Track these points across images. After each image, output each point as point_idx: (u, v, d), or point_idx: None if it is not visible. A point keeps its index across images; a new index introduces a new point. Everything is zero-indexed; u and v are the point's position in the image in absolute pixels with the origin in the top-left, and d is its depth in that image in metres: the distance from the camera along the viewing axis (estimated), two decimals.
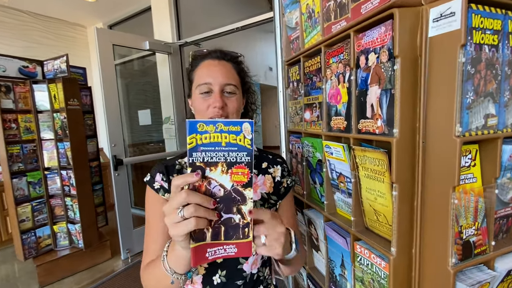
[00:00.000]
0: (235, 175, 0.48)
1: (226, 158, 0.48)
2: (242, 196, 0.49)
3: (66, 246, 2.65)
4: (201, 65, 0.73)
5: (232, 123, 0.47)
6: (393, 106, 0.57)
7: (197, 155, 0.47)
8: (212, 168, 0.48)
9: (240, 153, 0.48)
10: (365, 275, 0.71)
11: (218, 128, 0.47)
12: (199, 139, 0.47)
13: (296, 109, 1.01)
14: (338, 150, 0.74)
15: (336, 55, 0.74)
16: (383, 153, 0.59)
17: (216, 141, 0.47)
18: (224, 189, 0.49)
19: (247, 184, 0.49)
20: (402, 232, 0.60)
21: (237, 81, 0.73)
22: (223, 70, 0.70)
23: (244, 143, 0.48)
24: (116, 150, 2.55)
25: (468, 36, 0.49)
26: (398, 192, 0.58)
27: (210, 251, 0.50)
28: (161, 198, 0.73)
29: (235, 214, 0.50)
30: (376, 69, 0.60)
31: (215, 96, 0.68)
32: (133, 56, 3.93)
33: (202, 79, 0.70)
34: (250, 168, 0.48)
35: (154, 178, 0.75)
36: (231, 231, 0.50)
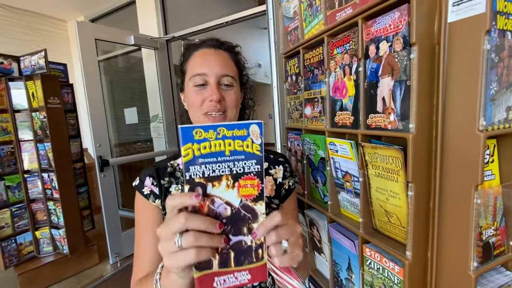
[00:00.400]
0: (244, 188, 0.41)
1: (231, 170, 0.40)
2: (253, 213, 0.41)
3: (50, 253, 2.52)
4: (195, 54, 0.66)
5: (236, 126, 0.39)
6: (408, 99, 0.53)
7: (195, 169, 0.39)
8: (215, 183, 0.40)
9: (248, 162, 0.40)
10: (376, 280, 0.67)
11: (220, 134, 0.39)
12: (197, 149, 0.39)
13: (295, 104, 0.96)
14: (344, 148, 0.69)
15: (341, 45, 0.68)
16: (398, 150, 0.54)
17: (218, 150, 0.39)
18: (232, 207, 0.41)
19: (258, 198, 0.41)
20: (418, 235, 0.56)
21: (235, 73, 0.66)
22: (219, 60, 0.64)
23: (253, 149, 0.40)
24: (102, 150, 2.43)
25: (492, 21, 0.45)
26: (414, 192, 0.54)
27: (219, 280, 0.42)
28: (151, 204, 0.66)
29: (246, 235, 0.42)
30: (388, 59, 0.55)
31: (211, 89, 0.62)
32: (118, 52, 3.77)
33: (197, 69, 0.63)
34: (260, 178, 0.41)
35: (144, 183, 0.68)
36: (242, 255, 0.42)
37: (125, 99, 4.03)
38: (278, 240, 0.42)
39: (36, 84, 2.24)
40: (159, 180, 0.67)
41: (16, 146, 2.32)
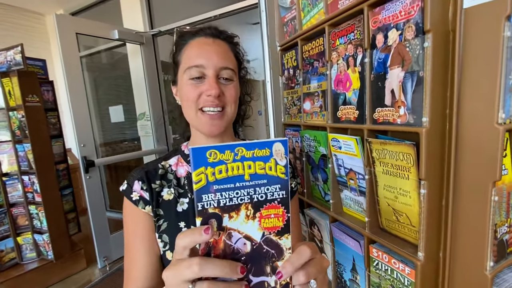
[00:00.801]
0: (266, 219, 0.35)
1: (251, 197, 0.34)
2: (277, 249, 0.35)
3: (34, 259, 2.40)
4: (191, 43, 0.60)
5: (257, 145, 0.33)
6: (420, 91, 0.49)
7: (209, 197, 0.33)
8: (232, 214, 0.34)
9: (271, 187, 0.34)
10: (383, 281, 0.64)
11: (238, 155, 0.33)
12: (211, 174, 0.33)
13: (293, 99, 0.91)
14: (349, 144, 0.66)
15: (344, 35, 0.64)
16: (410, 146, 0.51)
17: (236, 174, 0.34)
18: (252, 241, 0.35)
19: (283, 230, 0.35)
20: (431, 235, 0.53)
21: (235, 66, 0.61)
22: (219, 50, 0.58)
23: (276, 172, 0.34)
24: (86, 150, 2.32)
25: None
26: (427, 190, 0.51)
27: None
28: (141, 211, 0.60)
29: (269, 275, 0.36)
30: (399, 48, 0.52)
31: (209, 82, 0.56)
32: (101, 47, 3.62)
33: (193, 60, 0.57)
34: (286, 206, 0.35)
35: (132, 187, 0.61)
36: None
37: (110, 96, 3.88)
38: (307, 280, 0.36)
39: (13, 81, 2.10)
40: (149, 183, 0.61)
41: None
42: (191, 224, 0.60)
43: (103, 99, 3.92)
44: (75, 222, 2.80)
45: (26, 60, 2.18)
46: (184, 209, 0.61)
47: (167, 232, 0.60)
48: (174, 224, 0.60)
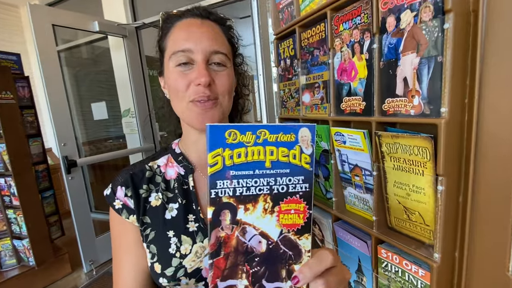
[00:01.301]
0: (286, 215, 0.31)
1: (271, 188, 0.30)
2: (295, 250, 0.32)
3: (14, 266, 2.26)
4: (177, 26, 0.53)
5: (282, 128, 0.30)
6: (438, 78, 0.45)
7: (224, 184, 0.29)
8: (248, 206, 0.30)
9: (293, 178, 0.31)
10: (393, 283, 0.60)
11: (260, 138, 0.29)
12: (228, 157, 0.29)
13: (290, 91, 0.86)
14: (355, 138, 0.61)
15: (349, 19, 0.59)
16: (426, 139, 0.46)
17: (257, 159, 0.30)
18: (268, 240, 0.31)
19: (303, 229, 0.32)
20: (447, 234, 0.49)
21: (228, 50, 0.54)
22: (209, 32, 0.51)
23: (301, 161, 0.30)
24: (67, 150, 2.19)
25: None
26: (445, 187, 0.47)
27: None
28: (125, 222, 0.54)
29: (285, 280, 0.32)
30: (413, 31, 0.47)
31: (198, 69, 0.49)
32: (80, 41, 3.43)
33: (179, 44, 0.50)
34: (308, 202, 0.31)
35: (115, 194, 0.54)
36: None
37: (92, 93, 3.71)
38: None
39: None
40: (135, 189, 0.55)
41: None
42: (181, 233, 0.53)
43: (85, 96, 3.74)
44: (57, 225, 2.67)
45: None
46: (173, 216, 0.54)
47: (154, 242, 0.53)
48: (162, 233, 0.53)
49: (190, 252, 0.52)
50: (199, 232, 0.53)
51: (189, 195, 0.56)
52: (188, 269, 0.51)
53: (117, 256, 0.55)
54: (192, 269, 0.51)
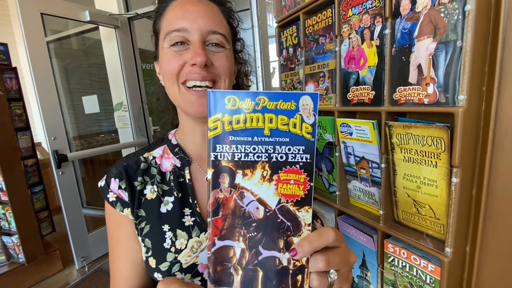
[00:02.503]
0: (285, 184, 0.31)
1: (270, 156, 0.31)
2: (294, 221, 0.31)
3: (3, 262, 2.21)
4: (172, 5, 0.49)
5: (282, 96, 0.29)
6: (457, 64, 0.42)
7: (223, 148, 0.30)
8: (247, 171, 0.31)
9: (294, 148, 0.30)
10: (400, 279, 0.58)
11: (259, 105, 0.29)
12: (228, 122, 0.30)
13: (292, 82, 0.83)
14: (363, 129, 0.58)
15: (359, 3, 0.56)
16: (442, 128, 0.44)
17: (255, 126, 0.30)
18: (266, 207, 0.31)
19: (303, 201, 0.31)
20: (460, 228, 0.48)
21: (227, 32, 0.51)
22: (206, 11, 0.48)
23: (302, 130, 0.30)
24: (58, 144, 2.12)
25: None
26: (460, 179, 0.45)
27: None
28: (119, 214, 0.51)
29: (282, 251, 0.31)
30: (431, 14, 0.44)
31: (194, 48, 0.46)
32: (71, 32, 3.32)
33: (174, 24, 0.47)
34: (309, 173, 0.31)
35: (109, 186, 0.52)
36: (274, 278, 0.31)
37: (83, 86, 3.61)
38: (327, 268, 0.31)
39: None
40: (129, 181, 0.52)
41: None
42: (177, 227, 0.50)
43: (75, 89, 3.63)
44: (48, 221, 2.60)
45: None
46: (168, 209, 0.52)
47: (149, 236, 0.50)
48: (157, 227, 0.50)
49: (185, 247, 0.49)
50: (195, 227, 0.51)
51: (186, 188, 0.53)
52: (184, 265, 0.49)
53: (113, 249, 0.53)
54: (187, 264, 0.49)
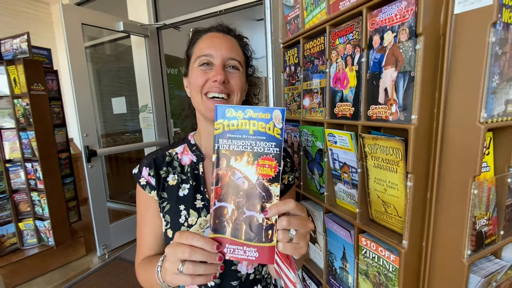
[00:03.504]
0: (262, 167, 0.45)
1: (253, 148, 0.45)
2: (267, 192, 0.45)
3: (35, 244, 2.45)
4: (203, 37, 0.65)
5: (262, 110, 0.44)
6: (411, 90, 0.53)
7: (223, 142, 0.45)
8: (237, 157, 0.45)
9: (268, 143, 0.44)
10: (370, 268, 0.68)
11: (247, 115, 0.44)
12: (227, 125, 0.45)
13: (293, 95, 0.95)
14: (344, 139, 0.69)
15: (344, 35, 0.68)
16: (399, 141, 0.55)
17: (244, 128, 0.45)
18: (249, 182, 0.45)
19: (274, 179, 0.44)
20: (415, 225, 0.57)
21: (242, 59, 0.65)
22: (228, 43, 0.63)
23: (274, 132, 0.44)
24: (89, 140, 2.36)
25: (498, 13, 0.45)
26: (413, 183, 0.55)
27: (229, 248, 0.46)
28: (148, 195, 0.67)
29: (259, 212, 0.45)
30: (393, 49, 0.55)
31: (216, 69, 0.61)
32: (105, 39, 3.63)
33: (203, 50, 0.62)
34: (278, 161, 0.44)
35: (141, 173, 0.67)
36: (253, 231, 0.45)
37: (113, 88, 3.91)
38: (288, 227, 0.44)
39: (18, 69, 2.13)
40: (156, 170, 0.67)
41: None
42: (190, 208, 0.65)
43: (106, 90, 3.95)
44: (75, 210, 2.84)
45: (31, 48, 2.20)
46: (184, 194, 0.66)
47: (169, 213, 0.65)
48: (175, 206, 0.65)
49: (195, 223, 0.63)
50: (203, 209, 0.65)
51: (199, 179, 0.67)
52: None
53: (141, 223, 0.68)
54: None
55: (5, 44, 2.23)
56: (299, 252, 0.46)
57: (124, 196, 3.75)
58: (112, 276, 2.35)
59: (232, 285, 0.67)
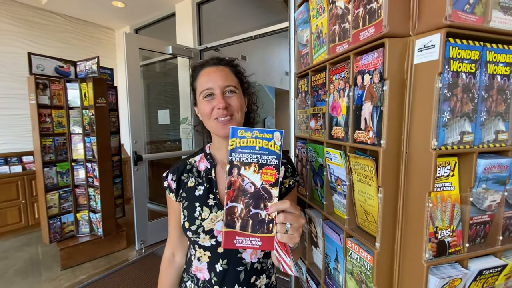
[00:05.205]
0: (265, 175, 0.57)
1: (258, 160, 0.57)
2: (269, 194, 0.58)
3: (87, 233, 2.85)
4: (201, 73, 0.79)
5: (265, 131, 0.57)
6: (381, 120, 0.67)
7: (235, 155, 0.57)
8: (246, 167, 0.58)
9: (270, 157, 0.57)
10: (355, 268, 0.80)
11: (254, 135, 0.57)
12: (238, 142, 0.57)
13: (303, 117, 1.11)
14: (336, 156, 0.84)
15: (338, 72, 0.84)
16: (371, 160, 0.68)
17: (252, 145, 0.57)
18: (255, 186, 0.58)
19: (274, 184, 0.58)
20: (386, 230, 0.69)
21: (236, 82, 0.79)
22: (222, 74, 0.77)
23: (274, 148, 0.58)
24: (137, 146, 2.73)
25: (445, 65, 0.59)
26: (383, 195, 0.67)
27: (238, 239, 0.59)
28: (168, 196, 0.85)
29: (262, 210, 0.58)
30: (369, 88, 0.70)
31: (217, 99, 0.75)
32: (156, 59, 4.16)
33: (204, 85, 0.76)
34: (277, 170, 0.58)
35: (167, 178, 0.86)
36: (257, 224, 0.58)
37: (159, 101, 4.41)
38: (284, 221, 0.59)
39: (88, 86, 2.60)
40: (179, 176, 0.84)
41: (68, 138, 2.70)
42: (203, 205, 0.79)
43: (153, 103, 4.46)
44: (121, 207, 3.24)
45: (99, 69, 2.67)
46: (200, 194, 0.81)
47: (187, 208, 0.81)
48: (191, 203, 0.80)
49: (207, 218, 0.78)
50: (214, 207, 0.79)
51: (212, 182, 0.82)
52: (205, 228, 0.77)
53: (169, 217, 0.88)
54: (207, 228, 0.77)
55: (80, 65, 2.74)
56: (293, 241, 0.60)
57: (161, 198, 4.14)
58: (146, 269, 2.64)
59: (238, 270, 0.79)
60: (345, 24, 0.80)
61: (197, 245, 0.81)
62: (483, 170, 0.66)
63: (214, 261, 0.80)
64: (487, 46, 0.63)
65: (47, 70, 2.56)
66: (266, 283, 0.86)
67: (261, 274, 0.84)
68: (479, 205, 0.69)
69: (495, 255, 0.71)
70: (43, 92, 2.53)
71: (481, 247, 0.71)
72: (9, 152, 3.52)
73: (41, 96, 2.51)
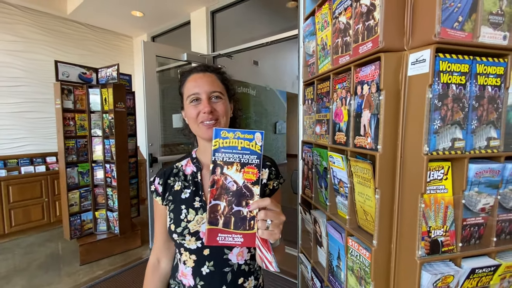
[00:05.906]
0: (247, 174, 0.60)
1: (240, 159, 0.60)
2: (250, 192, 0.61)
3: (104, 231, 3.00)
4: (188, 79, 0.82)
5: (247, 132, 0.61)
6: (378, 127, 0.73)
7: (218, 155, 0.60)
8: (229, 166, 0.60)
9: (251, 156, 0.61)
10: (355, 265, 0.85)
11: (236, 135, 0.60)
12: (221, 142, 0.60)
13: (309, 123, 1.18)
14: (338, 160, 0.90)
15: (341, 82, 0.90)
16: (369, 164, 0.74)
17: (234, 145, 0.60)
18: (237, 184, 0.60)
19: (255, 182, 0.61)
20: (382, 228, 0.75)
21: (222, 88, 0.82)
22: (208, 80, 0.80)
23: (255, 148, 0.61)
24: (153, 149, 2.86)
25: (436, 77, 0.64)
26: (380, 196, 0.73)
27: (221, 236, 0.60)
28: (155, 200, 0.88)
29: (244, 207, 0.61)
30: (368, 97, 0.76)
31: (203, 103, 0.78)
32: (171, 65, 4.32)
33: (191, 90, 0.79)
34: (258, 169, 0.61)
35: (154, 182, 0.89)
36: (239, 222, 0.61)
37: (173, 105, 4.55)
38: (265, 218, 0.61)
39: (109, 91, 2.76)
40: (165, 180, 0.85)
41: (89, 140, 2.86)
42: (189, 207, 0.81)
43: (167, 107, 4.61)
44: (136, 207, 3.38)
45: (119, 75, 2.83)
46: (186, 197, 0.83)
47: (173, 211, 0.82)
48: (178, 206, 0.82)
49: (193, 219, 0.79)
50: (200, 209, 0.81)
51: (198, 185, 0.84)
52: (191, 230, 0.79)
53: (156, 220, 0.89)
54: (193, 230, 0.79)
55: (101, 72, 2.91)
56: (274, 237, 0.62)
57: None
58: None
59: (225, 271, 0.80)
60: (347, 38, 0.86)
61: (183, 248, 0.81)
62: (475, 174, 0.71)
63: (200, 264, 0.80)
64: (476, 60, 0.68)
65: (71, 77, 2.74)
66: (255, 285, 0.88)
67: (249, 276, 0.85)
68: (472, 208, 0.73)
69: (490, 256, 0.75)
70: (68, 97, 2.70)
71: (475, 247, 0.75)
72: (34, 152, 3.75)
73: (65, 101, 2.69)
